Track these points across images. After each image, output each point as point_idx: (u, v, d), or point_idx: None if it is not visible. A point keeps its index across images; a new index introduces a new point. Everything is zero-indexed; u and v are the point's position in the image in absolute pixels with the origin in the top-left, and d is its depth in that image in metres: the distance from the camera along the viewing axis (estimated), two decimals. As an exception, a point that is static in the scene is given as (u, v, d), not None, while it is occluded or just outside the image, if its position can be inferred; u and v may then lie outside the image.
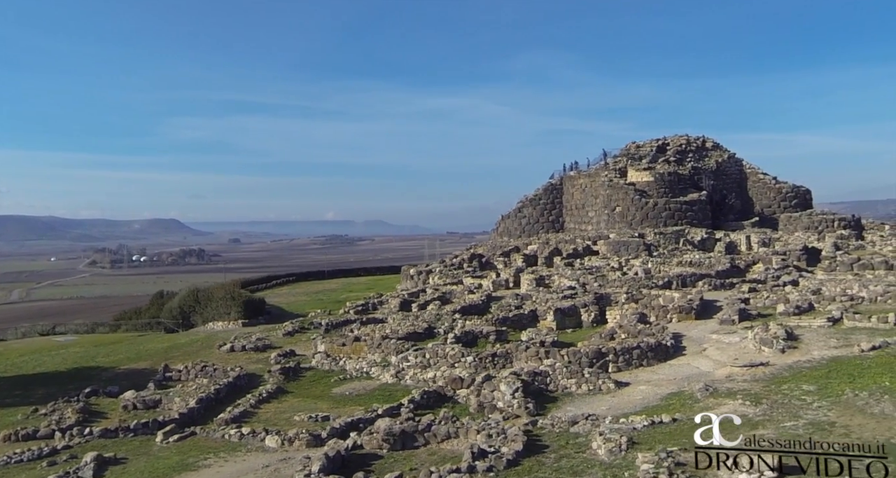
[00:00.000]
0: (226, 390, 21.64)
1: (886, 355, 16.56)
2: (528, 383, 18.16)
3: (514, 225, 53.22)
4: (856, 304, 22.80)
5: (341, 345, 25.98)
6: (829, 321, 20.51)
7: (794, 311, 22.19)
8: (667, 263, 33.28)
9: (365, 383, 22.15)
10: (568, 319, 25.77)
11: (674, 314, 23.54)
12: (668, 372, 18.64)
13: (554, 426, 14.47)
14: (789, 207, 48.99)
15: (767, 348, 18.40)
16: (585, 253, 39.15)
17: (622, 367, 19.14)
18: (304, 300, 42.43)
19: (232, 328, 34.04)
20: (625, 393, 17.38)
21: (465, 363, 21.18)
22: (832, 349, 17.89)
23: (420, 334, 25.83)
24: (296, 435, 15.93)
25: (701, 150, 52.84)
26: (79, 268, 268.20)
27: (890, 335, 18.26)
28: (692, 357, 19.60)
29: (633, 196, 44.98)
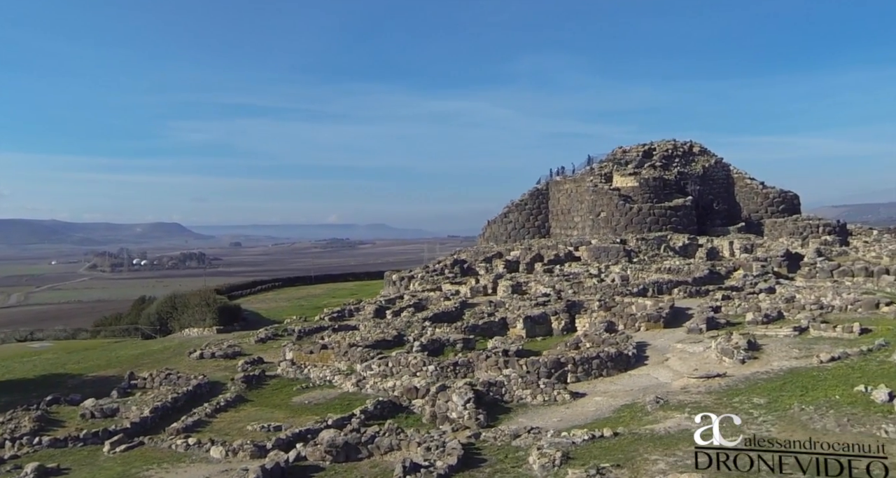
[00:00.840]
0: (184, 399, 21.31)
1: (844, 367, 16.23)
2: (483, 393, 17.87)
3: (501, 230, 52.92)
4: (825, 312, 22.43)
5: (309, 353, 25.69)
6: (796, 331, 20.16)
7: (762, 319, 21.83)
8: (646, 269, 32.92)
9: (326, 392, 21.85)
10: (538, 327, 25.47)
11: (642, 323, 23.20)
12: (626, 383, 18.32)
13: (496, 439, 14.16)
14: (776, 212, 48.59)
15: (728, 359, 18.07)
16: (567, 259, 38.80)
17: (581, 377, 18.82)
18: (284, 306, 42.19)
19: (207, 335, 33.80)
20: (579, 404, 17.08)
21: (426, 372, 20.92)
22: (792, 360, 17.55)
23: (389, 342, 25.51)
24: (240, 446, 15.64)
25: (688, 155, 52.46)
26: (79, 272, 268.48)
27: (853, 346, 17.92)
28: (653, 367, 19.27)
29: (618, 202, 44.64)
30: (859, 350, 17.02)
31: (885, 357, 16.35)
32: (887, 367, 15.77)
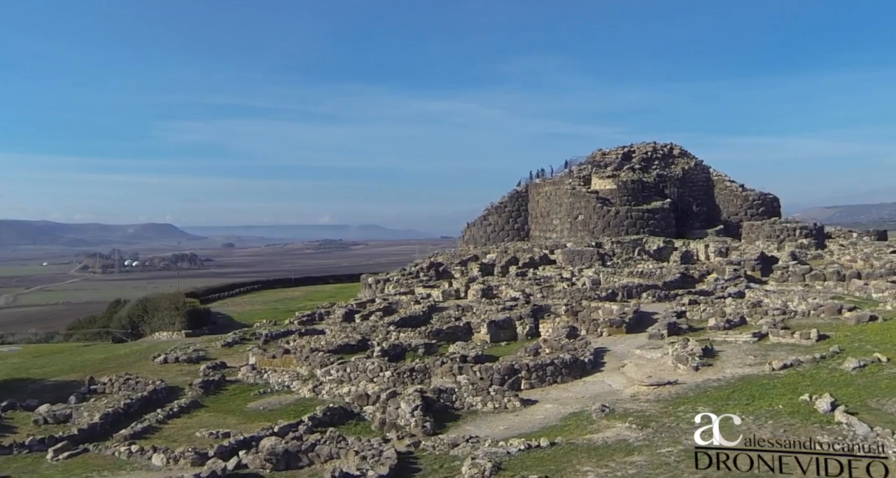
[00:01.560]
0: (138, 405, 20.96)
1: (795, 375, 16.06)
2: (433, 400, 17.65)
3: (480, 233, 52.66)
4: (788, 318, 22.28)
5: (271, 357, 25.38)
6: (755, 336, 19.98)
7: (724, 325, 21.67)
8: (618, 273, 32.73)
9: (283, 398, 21.58)
10: (503, 331, 25.23)
11: (604, 328, 23.01)
12: (579, 390, 18.09)
13: (435, 448, 13.95)
14: (756, 215, 48.49)
15: (683, 366, 17.87)
16: (542, 262, 38.60)
17: (535, 384, 18.57)
18: (259, 309, 41.83)
19: (175, 339, 33.48)
20: (529, 412, 16.85)
21: (383, 378, 20.66)
22: (746, 367, 17.36)
23: (353, 347, 25.23)
24: (181, 454, 15.36)
25: (667, 157, 52.31)
26: (70, 273, 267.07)
27: (809, 352, 17.74)
28: (609, 374, 19.06)
29: (595, 204, 44.45)
30: (812, 358, 16.84)
31: (837, 365, 16.17)
32: (838, 375, 15.60)
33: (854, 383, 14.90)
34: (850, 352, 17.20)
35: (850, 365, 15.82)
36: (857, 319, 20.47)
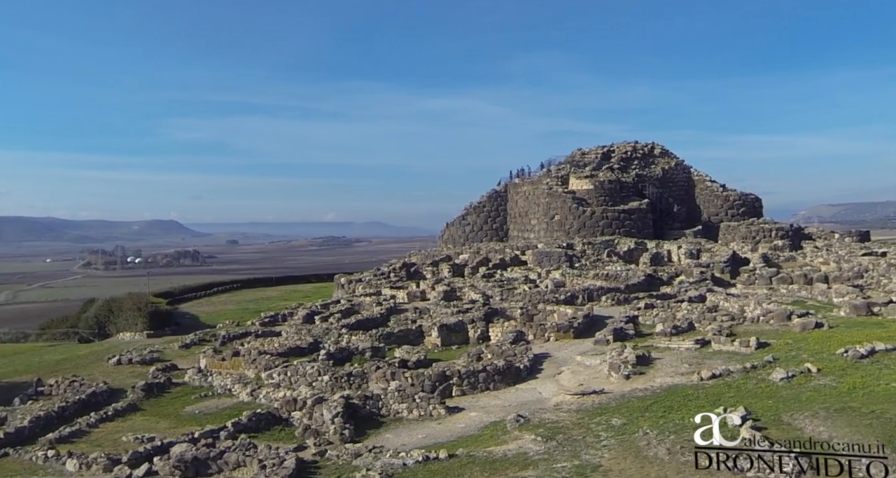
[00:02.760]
0: (74, 408, 20.69)
1: (722, 385, 15.66)
2: (360, 407, 17.37)
3: (458, 232, 52.25)
4: (736, 324, 21.87)
5: (221, 360, 25.17)
6: (698, 343, 19.58)
7: (671, 331, 21.25)
8: (584, 275, 32.29)
9: (223, 401, 21.30)
10: (454, 335, 24.88)
11: (551, 333, 22.64)
12: (509, 398, 17.75)
13: (339, 457, 13.69)
14: (737, 215, 47.90)
15: (615, 374, 17.50)
16: (513, 263, 38.21)
17: (467, 391, 18.25)
18: (230, 310, 41.53)
19: (137, 339, 33.32)
20: (452, 420, 16.53)
21: (321, 382, 20.43)
22: (677, 376, 16.96)
23: (303, 350, 24.93)
24: (94, 459, 15.13)
25: (648, 157, 51.70)
26: (73, 269, 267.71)
27: (745, 361, 17.33)
28: (543, 381, 18.69)
29: (571, 205, 43.96)
30: (743, 367, 16.44)
31: (766, 375, 15.77)
32: (764, 386, 15.21)
33: (777, 395, 14.52)
34: (784, 362, 16.81)
35: (777, 376, 15.45)
36: (803, 326, 20.05)
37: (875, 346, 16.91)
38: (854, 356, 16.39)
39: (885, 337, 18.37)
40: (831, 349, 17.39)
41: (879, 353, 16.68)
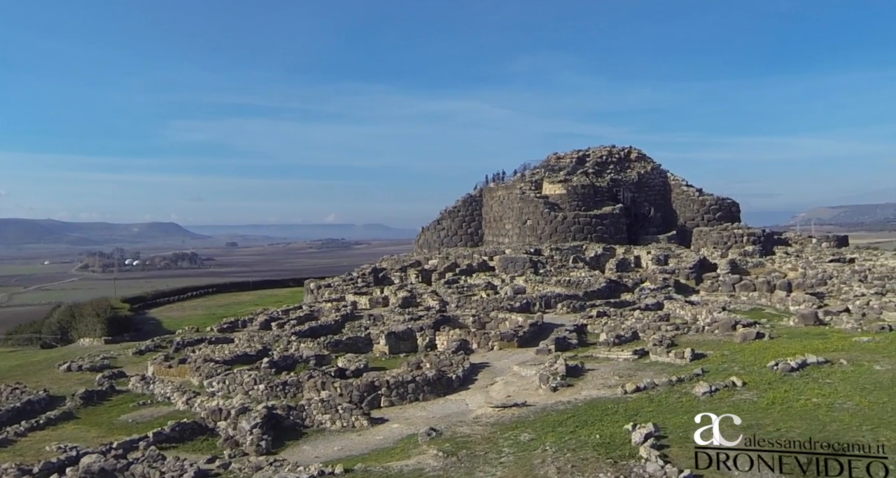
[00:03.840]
0: (7, 416, 20.42)
1: (644, 399, 15.27)
2: (283, 417, 17.11)
3: (434, 237, 51.93)
4: (680, 334, 21.51)
5: (168, 367, 24.91)
6: (636, 354, 19.24)
7: (614, 341, 20.91)
8: (546, 281, 31.92)
9: (159, 410, 21.00)
10: (403, 343, 24.55)
11: (496, 341, 22.29)
12: (436, 409, 17.42)
13: (241, 471, 13.38)
14: (713, 220, 47.53)
15: (544, 385, 17.18)
16: (480, 269, 37.86)
17: (395, 401, 17.94)
18: (199, 315, 41.16)
19: (95, 345, 33.08)
20: (373, 432, 16.21)
21: (257, 391, 20.20)
22: (604, 389, 16.59)
23: (251, 357, 24.65)
24: (4, 470, 14.87)
25: (624, 161, 51.37)
26: (70, 272, 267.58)
27: (677, 373, 16.99)
28: (474, 392, 18.35)
29: (543, 210, 43.62)
30: (669, 380, 16.07)
31: (690, 389, 15.37)
32: (685, 401, 14.82)
33: (695, 410, 14.07)
34: (713, 374, 16.43)
35: (700, 390, 15.04)
36: (744, 337, 19.70)
37: (807, 358, 16.54)
38: (784, 369, 16.02)
39: (821, 349, 18.03)
40: (764, 362, 17.01)
41: (810, 366, 16.31)
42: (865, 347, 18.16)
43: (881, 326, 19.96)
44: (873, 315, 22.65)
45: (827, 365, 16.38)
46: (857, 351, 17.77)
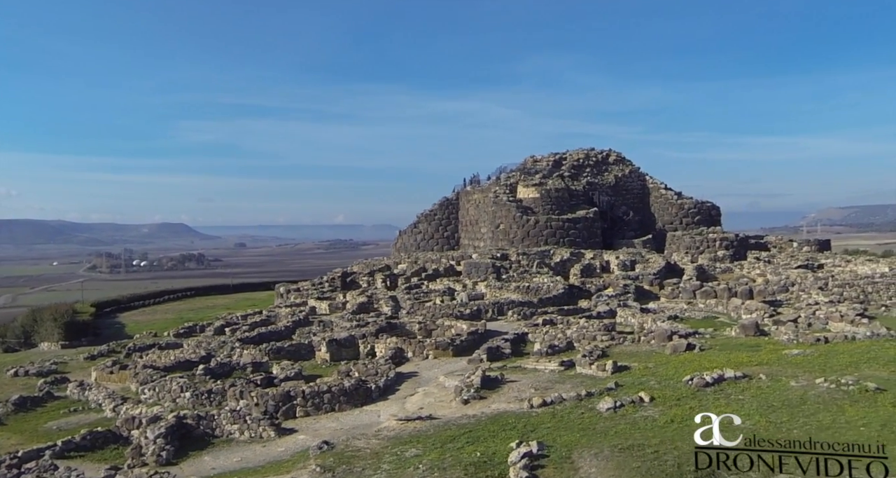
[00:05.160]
0: (-66, 424, 20.49)
1: (547, 414, 14.84)
2: (193, 427, 16.91)
3: (410, 241, 51.62)
4: (616, 344, 21.10)
5: (109, 373, 24.83)
6: (562, 365, 18.85)
7: (547, 350, 20.53)
8: (505, 287, 31.51)
9: (88, 417, 20.87)
10: (344, 350, 24.28)
11: (430, 350, 21.97)
12: (348, 420, 17.16)
13: (122, 486, 13.22)
14: (692, 224, 46.89)
15: (457, 397, 16.85)
16: (448, 273, 37.51)
17: (311, 411, 17.67)
18: (167, 318, 41.02)
19: (52, 350, 33.10)
20: (279, 443, 15.99)
21: (184, 398, 20.05)
22: (514, 402, 16.21)
23: (192, 363, 24.47)
24: None
25: (601, 164, 50.79)
26: (78, 272, 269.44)
27: (594, 386, 16.61)
28: (392, 403, 18.06)
29: (515, 213, 43.21)
30: (577, 394, 15.69)
31: (595, 404, 14.99)
32: (587, 416, 14.44)
33: (591, 428, 13.74)
34: (625, 389, 16.01)
35: (605, 405, 14.64)
36: (674, 348, 19.27)
37: (725, 373, 16.09)
38: (698, 384, 15.58)
39: (745, 362, 17.59)
40: (682, 376, 16.55)
41: (727, 381, 15.84)
42: (792, 360, 17.69)
43: (817, 338, 19.44)
44: (819, 325, 22.13)
45: (744, 380, 15.93)
46: (781, 365, 17.30)
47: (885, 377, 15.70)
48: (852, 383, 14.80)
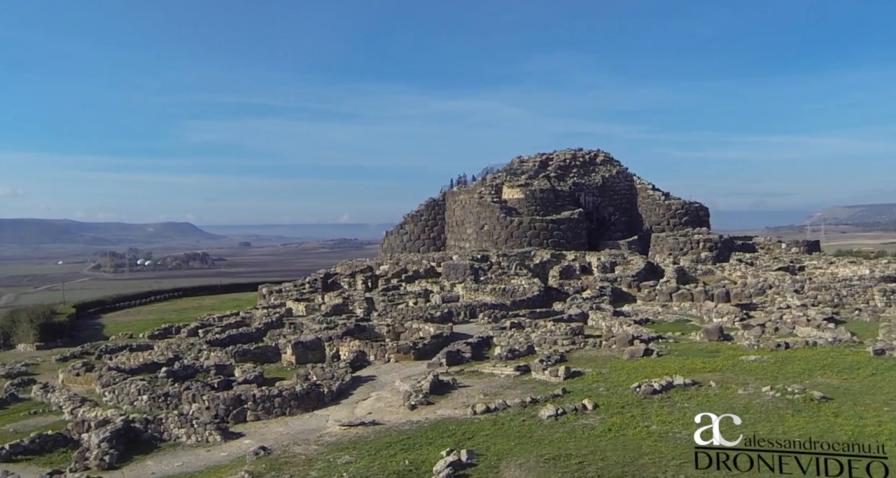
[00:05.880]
0: None
1: (488, 421, 14.69)
2: (141, 430, 16.85)
3: (397, 242, 51.50)
4: (577, 348, 20.90)
5: (76, 375, 24.81)
6: (518, 370, 18.69)
7: (507, 355, 20.38)
8: (481, 289, 31.35)
9: (48, 419, 20.77)
10: (311, 353, 24.18)
11: (392, 354, 21.84)
12: (297, 425, 17.02)
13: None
14: (679, 225, 46.55)
15: (406, 402, 16.72)
16: (428, 275, 37.36)
17: (262, 415, 17.57)
18: (149, 319, 40.92)
19: (27, 351, 33.17)
20: (224, 448, 15.85)
21: (141, 402, 20.03)
22: (460, 409, 16.03)
23: (160, 365, 24.42)
24: None
25: (588, 165, 50.47)
26: (82, 272, 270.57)
27: (544, 392, 16.47)
28: (343, 408, 17.91)
29: (499, 214, 43.01)
30: (521, 401, 15.52)
31: (538, 411, 14.82)
32: (528, 424, 14.26)
33: (528, 436, 13.58)
34: (572, 396, 15.85)
35: (546, 413, 14.48)
36: (631, 353, 19.06)
37: (674, 380, 15.91)
38: (646, 392, 15.40)
39: (699, 369, 17.41)
40: (632, 382, 16.40)
41: (675, 388, 15.66)
42: (747, 367, 17.48)
43: (777, 344, 19.20)
44: (786, 330, 21.89)
45: (693, 388, 15.75)
46: (734, 372, 17.10)
47: (834, 385, 15.51)
48: (798, 391, 14.61)
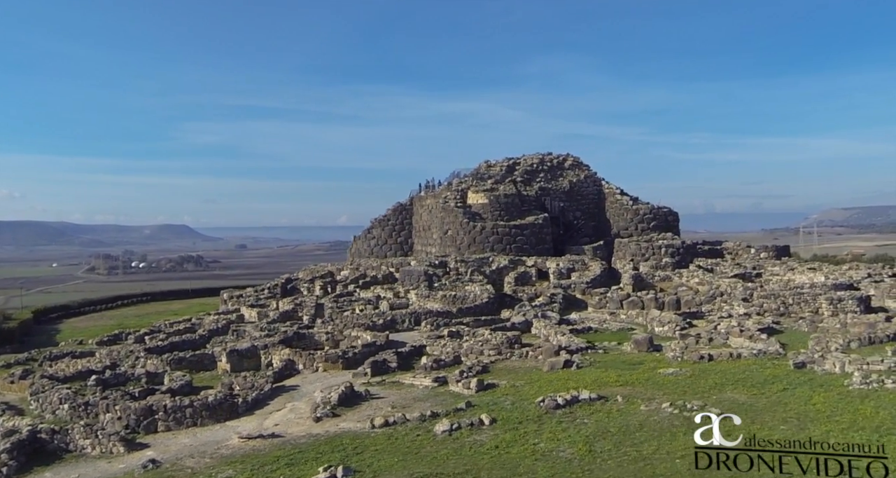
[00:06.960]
0: None
1: (383, 435, 14.57)
2: (47, 441, 16.66)
3: (364, 246, 51.28)
4: (502, 358, 20.74)
5: (10, 382, 24.61)
6: (437, 381, 18.55)
7: (432, 365, 20.21)
8: (432, 296, 31.14)
9: (-30, 430, 20.73)
10: (246, 361, 23.97)
11: (320, 363, 21.65)
12: (205, 436, 16.79)
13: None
14: (647, 230, 46.33)
15: (312, 414, 16.54)
16: (386, 281, 37.16)
17: (172, 426, 17.38)
18: (108, 325, 40.43)
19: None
20: (124, 460, 15.64)
21: (62, 411, 19.83)
22: (363, 421, 15.86)
23: (94, 373, 24.23)
24: None
25: (556, 169, 50.22)
26: (76, 274, 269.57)
27: (450, 405, 16.32)
28: (255, 419, 17.72)
29: (462, 220, 42.78)
30: (420, 414, 15.37)
31: (433, 426, 14.63)
32: (420, 439, 14.11)
33: (416, 452, 13.44)
34: (473, 410, 15.67)
35: (441, 428, 14.32)
36: (552, 365, 18.88)
37: (580, 394, 15.75)
38: (549, 406, 15.26)
39: (614, 381, 17.30)
40: (539, 396, 16.20)
41: (580, 403, 15.50)
42: (661, 380, 17.32)
43: (700, 356, 19.04)
44: (720, 340, 21.70)
45: (599, 402, 15.60)
46: (646, 386, 16.94)
47: (740, 402, 15.34)
48: (697, 408, 14.43)
